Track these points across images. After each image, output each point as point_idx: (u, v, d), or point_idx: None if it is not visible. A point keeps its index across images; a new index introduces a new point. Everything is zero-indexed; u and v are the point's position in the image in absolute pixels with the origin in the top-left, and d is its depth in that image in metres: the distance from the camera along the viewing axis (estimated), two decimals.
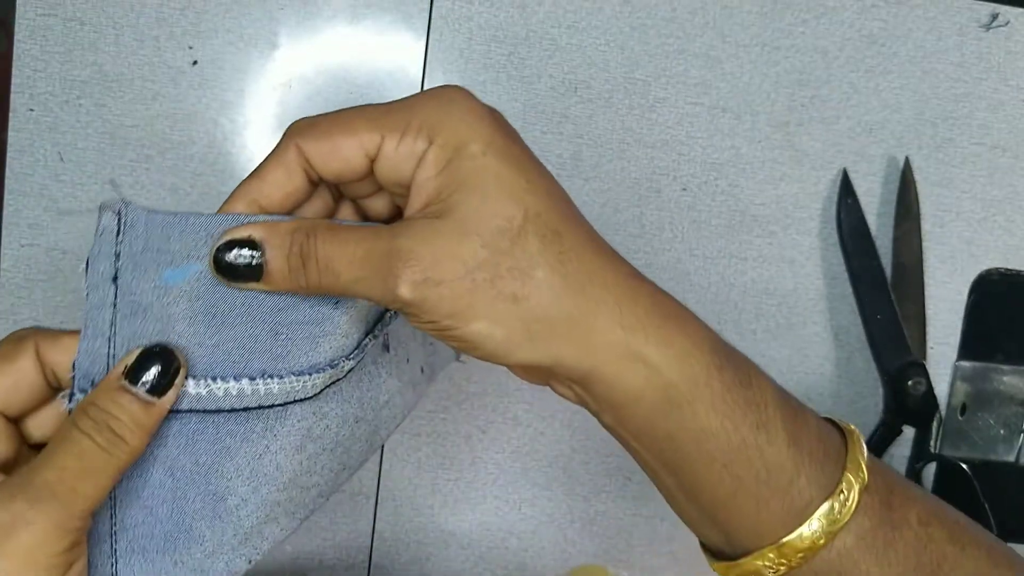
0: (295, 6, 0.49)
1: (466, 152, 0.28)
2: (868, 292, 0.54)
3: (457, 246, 0.28)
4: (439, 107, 0.29)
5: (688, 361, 0.29)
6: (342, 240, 0.29)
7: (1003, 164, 0.55)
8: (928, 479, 0.56)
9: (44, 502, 0.27)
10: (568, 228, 0.29)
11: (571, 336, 0.29)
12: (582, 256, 0.29)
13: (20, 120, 0.48)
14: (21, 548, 0.27)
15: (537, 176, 0.29)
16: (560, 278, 0.28)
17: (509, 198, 0.28)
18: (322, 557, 0.53)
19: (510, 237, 0.28)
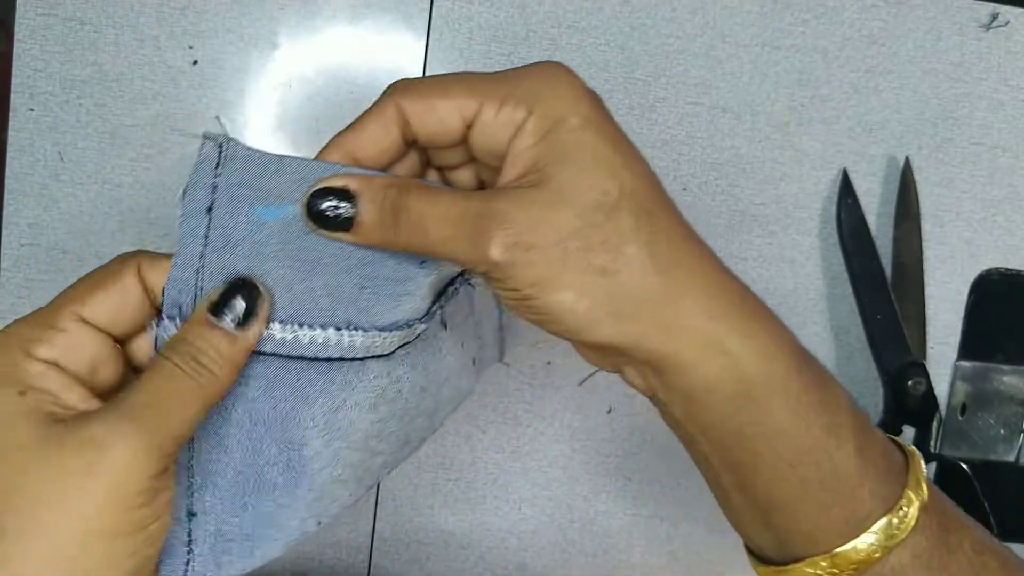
0: (295, 6, 0.49)
1: (565, 125, 0.29)
2: (868, 292, 0.54)
3: (551, 214, 0.28)
4: (541, 80, 0.29)
5: (769, 357, 0.29)
6: (435, 199, 0.29)
7: (1003, 164, 0.55)
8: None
9: (138, 420, 0.27)
10: (660, 210, 0.29)
11: (655, 317, 0.28)
12: (672, 239, 0.29)
13: (20, 120, 0.48)
14: (112, 468, 0.26)
15: (632, 156, 0.30)
16: (650, 257, 0.28)
17: (606, 173, 0.28)
18: (322, 557, 0.53)
19: (604, 211, 0.28)
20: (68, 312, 0.29)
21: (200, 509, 0.30)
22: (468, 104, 0.29)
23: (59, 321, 0.29)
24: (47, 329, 0.29)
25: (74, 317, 0.29)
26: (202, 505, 0.30)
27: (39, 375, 0.28)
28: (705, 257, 0.30)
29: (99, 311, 0.30)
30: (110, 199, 0.49)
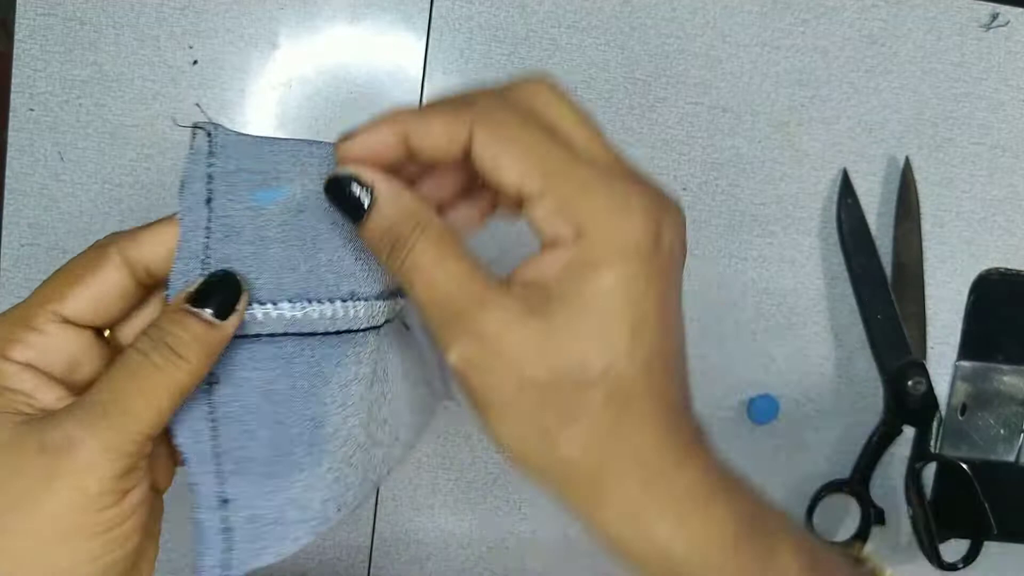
0: (295, 6, 0.49)
1: (597, 276, 0.26)
2: (868, 292, 0.54)
3: (524, 353, 0.26)
4: (608, 208, 0.27)
5: (700, 546, 0.28)
6: (439, 260, 0.27)
7: (1003, 164, 0.55)
8: (928, 479, 0.56)
9: (95, 422, 0.26)
10: (644, 398, 0.27)
11: (581, 493, 0.28)
12: (637, 428, 0.27)
13: (20, 120, 0.48)
14: (72, 471, 0.26)
15: (651, 338, 0.27)
16: (598, 442, 0.27)
17: (600, 347, 0.26)
18: (322, 557, 0.53)
19: (576, 381, 0.26)
20: (46, 312, 0.28)
21: (232, 495, 0.30)
22: (530, 184, 0.27)
23: (36, 321, 0.28)
24: (23, 329, 0.28)
25: (52, 317, 0.28)
26: (235, 491, 0.30)
27: (13, 375, 0.28)
28: (667, 450, 0.28)
29: (79, 307, 0.29)
30: (110, 199, 0.49)
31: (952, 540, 0.55)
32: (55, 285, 0.29)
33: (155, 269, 0.29)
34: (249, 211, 0.29)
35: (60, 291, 0.29)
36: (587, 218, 0.27)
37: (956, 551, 0.55)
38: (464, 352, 0.27)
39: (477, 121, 0.27)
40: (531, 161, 0.27)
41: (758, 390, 0.55)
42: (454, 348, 0.27)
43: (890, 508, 0.56)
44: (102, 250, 0.29)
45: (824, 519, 0.56)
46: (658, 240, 0.27)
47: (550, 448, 0.27)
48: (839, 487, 0.55)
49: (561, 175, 0.27)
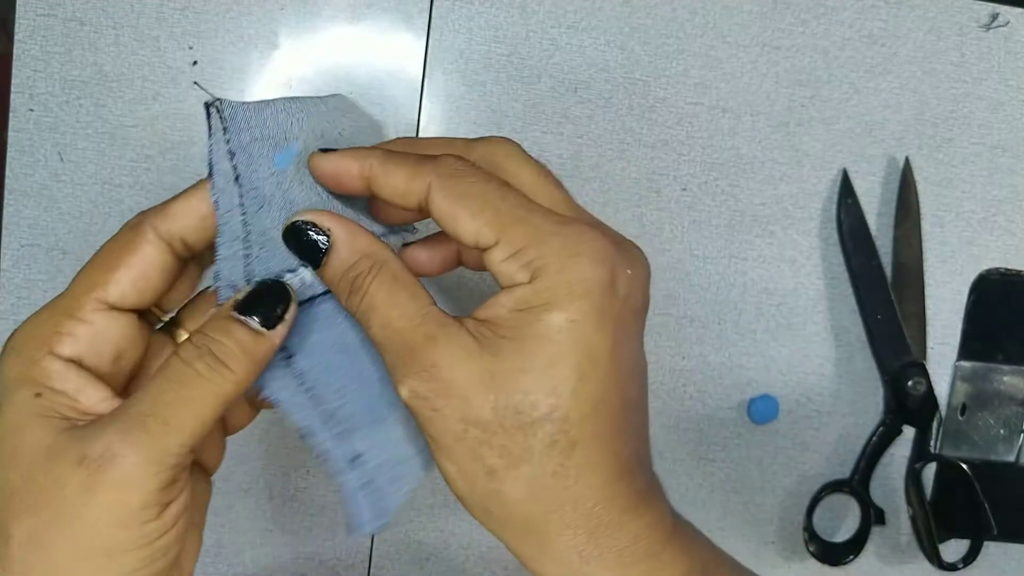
0: (295, 6, 0.49)
1: (547, 316, 0.26)
2: (868, 292, 0.54)
3: (472, 391, 0.27)
4: (560, 253, 0.27)
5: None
6: (392, 299, 0.28)
7: (1003, 164, 0.55)
8: (928, 479, 0.56)
9: (137, 435, 0.26)
10: (591, 445, 0.27)
11: (524, 538, 0.28)
12: (583, 476, 0.27)
13: (20, 120, 0.48)
14: (113, 485, 0.26)
15: (601, 378, 0.27)
16: (542, 487, 0.27)
17: (547, 387, 0.26)
18: (322, 557, 0.53)
19: (521, 421, 0.26)
20: (91, 300, 0.28)
21: (356, 451, 0.30)
22: (486, 235, 0.27)
23: (82, 312, 0.28)
24: (70, 321, 0.28)
25: (98, 305, 0.28)
26: (356, 447, 0.30)
27: (57, 375, 0.27)
28: (614, 499, 0.28)
29: (123, 291, 0.29)
30: (110, 199, 0.49)
31: (952, 540, 0.55)
32: (95, 271, 0.29)
33: (191, 240, 0.29)
34: (273, 177, 0.29)
35: (102, 277, 0.28)
36: (540, 262, 0.27)
37: (956, 551, 0.55)
38: (414, 387, 0.27)
39: (435, 179, 0.28)
40: (486, 213, 0.27)
41: (758, 390, 0.55)
42: (405, 384, 0.27)
43: (890, 508, 0.56)
44: (135, 229, 0.29)
45: (824, 519, 0.56)
46: (612, 285, 0.27)
47: (495, 489, 0.27)
48: (839, 487, 0.55)
49: (515, 223, 0.27)
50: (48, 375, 0.27)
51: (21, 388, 0.27)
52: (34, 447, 0.26)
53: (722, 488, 0.55)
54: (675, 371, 0.54)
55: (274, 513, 0.52)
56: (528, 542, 0.28)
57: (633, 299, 0.28)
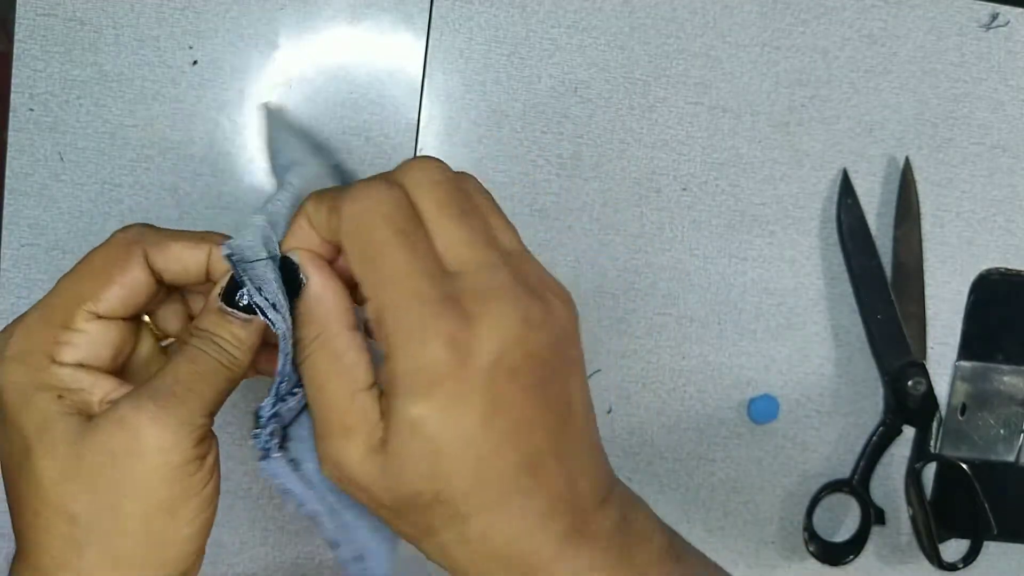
0: (295, 6, 0.49)
1: (410, 406, 0.27)
2: (868, 292, 0.54)
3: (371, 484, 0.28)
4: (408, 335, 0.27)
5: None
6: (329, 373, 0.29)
7: (1003, 164, 0.55)
8: (928, 479, 0.56)
9: (168, 401, 0.29)
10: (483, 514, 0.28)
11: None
12: (486, 539, 0.28)
13: (20, 120, 0.48)
14: (157, 448, 0.29)
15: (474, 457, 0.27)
16: (459, 549, 0.29)
17: (424, 475, 0.27)
18: (322, 557, 0.53)
19: (415, 506, 0.28)
20: (82, 312, 0.30)
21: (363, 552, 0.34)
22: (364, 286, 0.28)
23: (75, 322, 0.30)
24: (65, 332, 0.30)
25: (89, 316, 0.31)
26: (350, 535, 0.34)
27: (68, 376, 0.30)
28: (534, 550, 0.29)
29: (112, 305, 0.31)
30: (110, 199, 0.49)
31: (952, 540, 0.55)
32: (85, 284, 0.31)
33: (171, 280, 0.32)
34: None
35: (93, 291, 0.31)
36: (392, 339, 0.27)
37: (956, 551, 0.55)
38: (329, 472, 0.29)
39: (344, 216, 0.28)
40: (366, 267, 0.28)
41: (758, 390, 0.55)
42: (323, 466, 0.30)
43: (890, 508, 0.56)
44: (128, 249, 0.31)
45: (824, 519, 0.56)
46: (464, 363, 0.26)
47: (425, 553, 0.31)
48: (839, 487, 0.55)
49: (384, 288, 0.27)
50: (61, 379, 0.30)
51: (39, 393, 0.30)
52: (70, 438, 0.29)
53: (722, 488, 0.55)
54: (675, 371, 0.54)
55: (274, 513, 0.52)
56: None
57: (504, 357, 0.27)
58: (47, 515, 0.29)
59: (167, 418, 0.29)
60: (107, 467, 0.29)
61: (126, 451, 0.28)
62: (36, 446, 0.29)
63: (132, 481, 0.29)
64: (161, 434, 0.29)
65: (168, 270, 0.31)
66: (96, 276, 0.31)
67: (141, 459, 0.29)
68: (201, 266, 0.31)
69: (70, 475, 0.29)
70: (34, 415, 0.29)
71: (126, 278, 0.31)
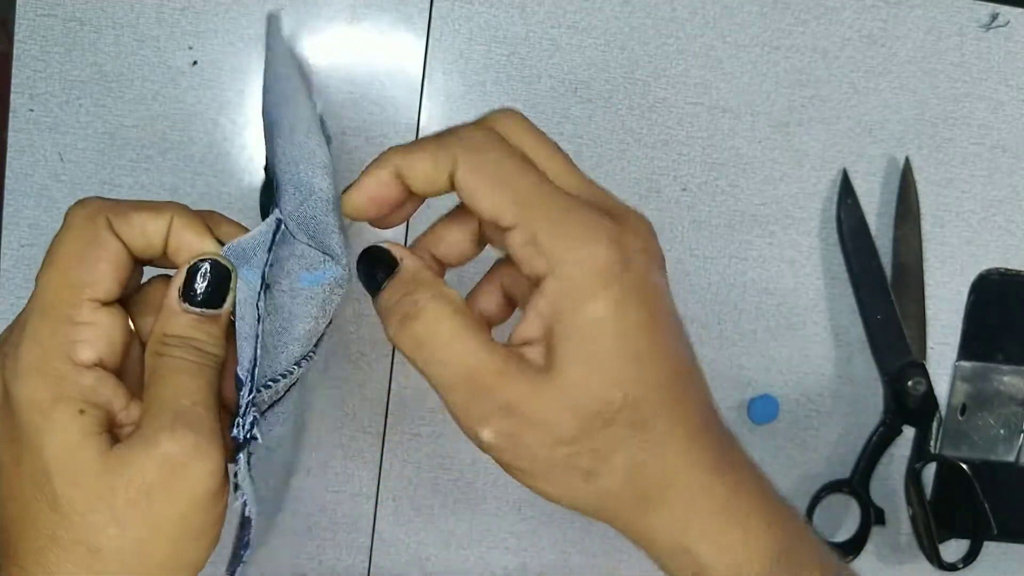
0: (295, 6, 0.49)
1: (587, 309, 0.27)
2: (868, 292, 0.54)
3: (552, 414, 0.28)
4: (573, 239, 0.28)
5: (739, 568, 0.30)
6: (456, 330, 0.28)
7: (1003, 164, 0.55)
8: (928, 479, 0.56)
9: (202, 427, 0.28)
10: (663, 416, 0.29)
11: (631, 515, 0.30)
12: (666, 448, 0.29)
13: (20, 120, 0.48)
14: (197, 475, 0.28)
15: (651, 354, 0.28)
16: (636, 465, 0.29)
17: (614, 378, 0.28)
18: (322, 557, 0.53)
19: (603, 420, 0.28)
20: (86, 303, 0.28)
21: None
22: (503, 214, 0.28)
23: (81, 314, 0.28)
24: (77, 327, 0.28)
25: (94, 305, 0.28)
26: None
27: (91, 388, 0.28)
28: (697, 462, 0.30)
29: (108, 287, 0.28)
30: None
31: (952, 540, 0.55)
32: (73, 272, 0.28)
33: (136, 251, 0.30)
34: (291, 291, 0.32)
35: (85, 276, 0.28)
36: (555, 251, 0.28)
37: (956, 551, 0.55)
38: (498, 427, 0.28)
39: (460, 151, 0.29)
40: (504, 192, 0.28)
41: (758, 390, 0.55)
42: (487, 427, 0.28)
43: (890, 508, 0.56)
44: (94, 223, 0.29)
45: (824, 519, 0.56)
46: (627, 264, 0.28)
47: (596, 488, 0.29)
48: (839, 487, 0.55)
49: (531, 206, 0.28)
50: (82, 390, 0.28)
51: (60, 407, 0.27)
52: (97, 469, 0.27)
53: None
54: None
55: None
56: (636, 521, 0.30)
57: (646, 264, 0.29)
58: (67, 542, 0.27)
59: (208, 447, 0.28)
60: (142, 503, 0.27)
61: (165, 487, 0.27)
62: (59, 472, 0.27)
63: (167, 515, 0.28)
64: (204, 465, 0.28)
65: (132, 242, 0.29)
66: (80, 260, 0.28)
67: (180, 492, 0.27)
68: (161, 236, 0.29)
69: (98, 508, 0.27)
70: (56, 438, 0.27)
71: (108, 253, 0.28)
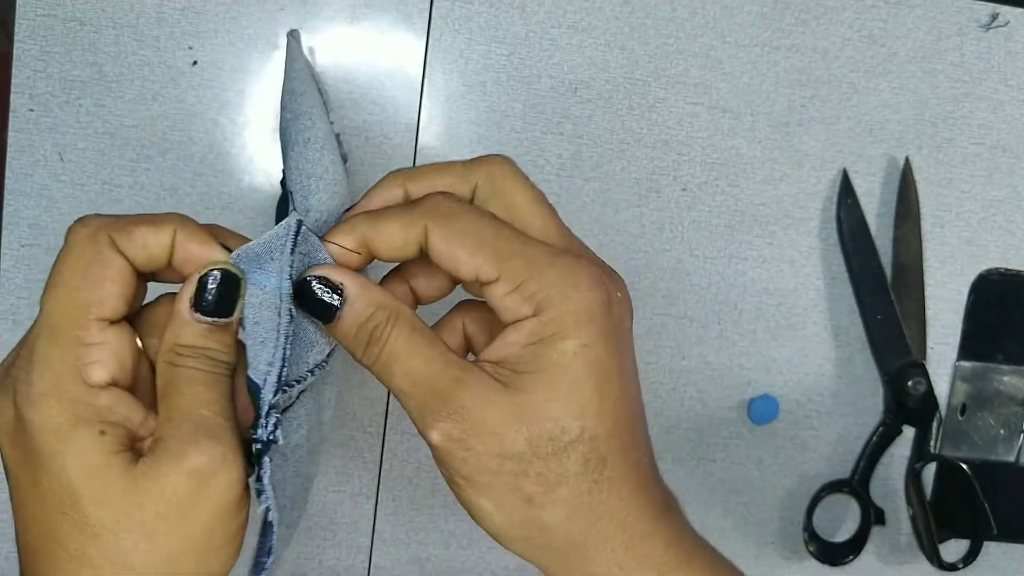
0: (295, 6, 0.49)
1: (560, 345, 0.28)
2: (868, 292, 0.54)
3: (504, 426, 0.28)
4: (560, 283, 0.28)
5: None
6: (414, 348, 0.29)
7: (1003, 164, 0.55)
8: (928, 479, 0.56)
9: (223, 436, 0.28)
10: (618, 458, 0.29)
11: (567, 559, 0.30)
12: (615, 489, 0.29)
13: (20, 120, 0.48)
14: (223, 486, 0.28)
15: (616, 396, 0.29)
16: (580, 505, 0.29)
17: (575, 410, 0.28)
18: (322, 557, 0.53)
19: (555, 447, 0.28)
20: (94, 323, 0.28)
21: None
22: (486, 271, 0.29)
23: (91, 335, 0.28)
24: (85, 348, 0.28)
25: (102, 324, 0.28)
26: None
27: (107, 409, 0.28)
28: (645, 508, 0.30)
29: (115, 305, 0.29)
30: (110, 200, 0.49)
31: (952, 540, 0.55)
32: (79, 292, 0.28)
33: (138, 266, 0.30)
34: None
35: (92, 296, 0.28)
36: (543, 294, 0.28)
37: (956, 551, 0.55)
38: (446, 430, 0.28)
39: (430, 221, 0.29)
40: (484, 251, 0.29)
41: (758, 390, 0.55)
42: (436, 427, 0.28)
43: (890, 508, 0.56)
44: (96, 241, 0.29)
45: (824, 519, 0.56)
46: (609, 307, 0.29)
47: (535, 516, 0.29)
48: (839, 487, 0.55)
49: (513, 257, 0.29)
50: (99, 409, 0.28)
51: (80, 430, 0.27)
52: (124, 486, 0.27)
53: (722, 488, 0.55)
54: (675, 371, 0.54)
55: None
56: (569, 562, 0.30)
57: (624, 318, 0.30)
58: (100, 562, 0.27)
59: (233, 456, 0.28)
60: (172, 517, 0.27)
61: (192, 498, 0.27)
62: (85, 493, 0.27)
63: (195, 526, 0.28)
64: (229, 475, 0.28)
65: (135, 257, 0.29)
66: (85, 279, 0.28)
67: (208, 504, 0.28)
68: (164, 249, 0.29)
69: (129, 525, 0.27)
70: (78, 460, 0.27)
71: (113, 271, 0.28)
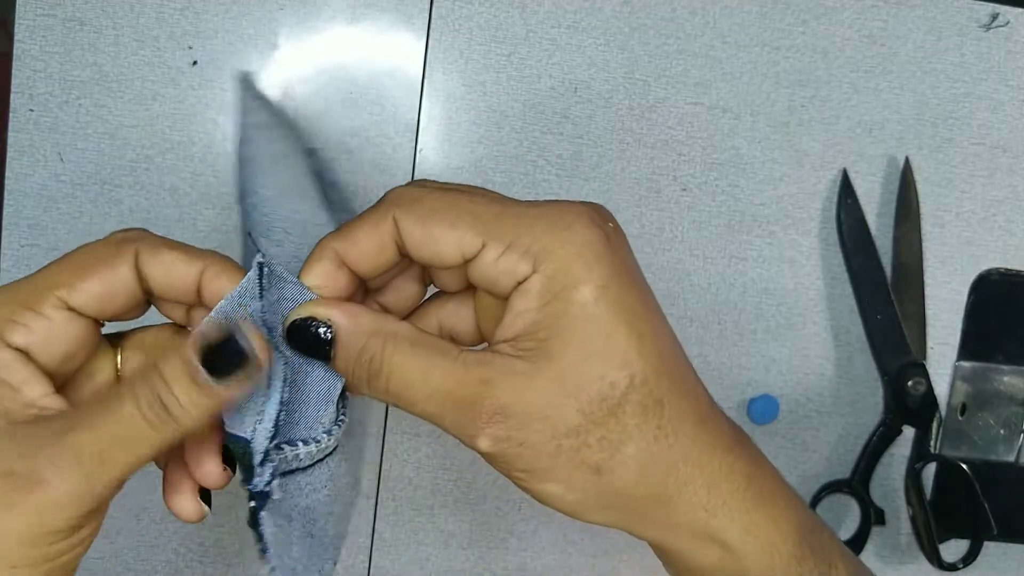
0: (295, 6, 0.49)
1: (576, 295, 0.26)
2: (868, 292, 0.54)
3: (551, 407, 0.26)
4: (552, 230, 0.26)
5: (770, 551, 0.28)
6: (425, 366, 0.27)
7: (1003, 164, 0.55)
8: (928, 479, 0.56)
9: (67, 465, 0.25)
10: (673, 396, 0.27)
11: (649, 513, 0.28)
12: (680, 430, 0.27)
13: (20, 120, 0.48)
14: (33, 509, 0.25)
15: (652, 331, 0.27)
16: (650, 456, 0.27)
17: (617, 360, 0.26)
18: None
19: (609, 406, 0.26)
20: (52, 297, 0.27)
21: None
22: (470, 241, 0.27)
23: (41, 306, 0.27)
24: (27, 312, 0.27)
25: (59, 304, 0.28)
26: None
27: (5, 365, 0.27)
28: (716, 442, 0.28)
29: (85, 299, 0.28)
30: (110, 199, 0.49)
31: (952, 540, 0.55)
32: (64, 272, 0.28)
33: (156, 289, 0.29)
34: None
35: (69, 278, 0.28)
36: (537, 246, 0.26)
37: (956, 551, 0.55)
38: (492, 434, 0.26)
39: (396, 209, 0.27)
40: (463, 220, 0.27)
41: (758, 390, 0.55)
42: (481, 437, 0.26)
43: (890, 508, 0.56)
44: (118, 248, 0.28)
45: (824, 519, 0.56)
46: (609, 241, 0.27)
47: (607, 482, 0.27)
48: (839, 487, 0.55)
49: (495, 221, 0.27)
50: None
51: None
52: None
53: None
54: None
55: None
56: (655, 518, 0.28)
57: (627, 249, 0.28)
58: None
59: (60, 483, 0.25)
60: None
61: (8, 502, 0.25)
62: None
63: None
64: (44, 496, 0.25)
65: (155, 278, 0.28)
66: (79, 267, 0.28)
67: (12, 511, 0.25)
68: (188, 282, 0.28)
69: None
70: None
71: (109, 275, 0.28)
